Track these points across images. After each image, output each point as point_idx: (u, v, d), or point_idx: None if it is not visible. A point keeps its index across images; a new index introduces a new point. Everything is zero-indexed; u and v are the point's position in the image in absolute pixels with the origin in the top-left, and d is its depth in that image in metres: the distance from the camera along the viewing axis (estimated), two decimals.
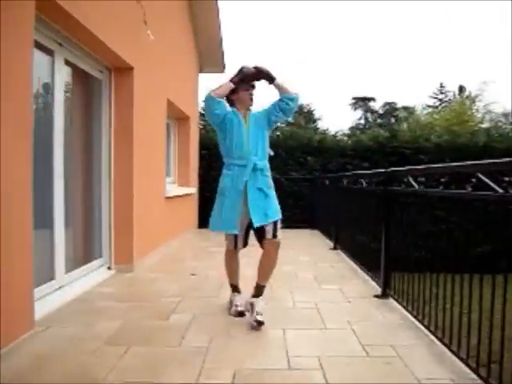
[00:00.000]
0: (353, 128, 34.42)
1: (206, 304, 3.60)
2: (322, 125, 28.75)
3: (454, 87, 37.41)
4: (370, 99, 39.32)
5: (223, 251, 3.52)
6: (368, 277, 4.53)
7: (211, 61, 9.59)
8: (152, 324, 3.09)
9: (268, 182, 3.29)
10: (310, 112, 35.68)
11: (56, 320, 3.13)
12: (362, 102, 39.64)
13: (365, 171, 5.27)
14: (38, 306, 3.21)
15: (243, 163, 3.21)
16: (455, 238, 2.58)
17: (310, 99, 34.48)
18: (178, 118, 8.24)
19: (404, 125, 19.27)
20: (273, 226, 3.22)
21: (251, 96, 3.34)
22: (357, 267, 5.07)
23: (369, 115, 39.40)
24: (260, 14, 74.03)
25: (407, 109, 30.97)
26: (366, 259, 4.71)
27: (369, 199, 4.62)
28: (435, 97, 36.30)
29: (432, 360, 2.53)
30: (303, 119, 27.95)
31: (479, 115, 17.55)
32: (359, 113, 39.77)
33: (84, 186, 4.47)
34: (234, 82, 3.22)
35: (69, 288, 3.81)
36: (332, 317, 3.27)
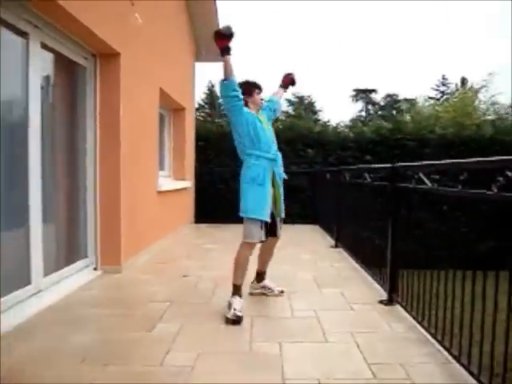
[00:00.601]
0: (354, 120, 34.07)
1: (196, 311, 3.30)
2: (323, 117, 28.40)
3: (457, 79, 36.91)
4: (372, 91, 38.90)
5: (218, 248, 3.40)
6: (372, 279, 4.22)
7: (208, 49, 9.20)
8: (134, 336, 2.79)
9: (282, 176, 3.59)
10: (311, 103, 35.32)
11: (25, 332, 2.82)
12: (363, 94, 39.23)
13: (369, 165, 4.93)
14: (8, 316, 2.93)
15: (272, 157, 3.41)
16: (464, 235, 2.30)
17: (311, 91, 34.12)
18: (173, 109, 7.90)
19: (407, 116, 18.91)
20: (281, 223, 3.61)
21: (258, 98, 3.59)
22: (359, 267, 4.76)
23: (370, 107, 38.97)
24: (260, 3, 73.16)
25: (409, 101, 30.58)
26: (370, 259, 4.40)
27: (374, 196, 4.30)
28: (437, 89, 35.92)
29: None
30: (303, 110, 27.58)
31: (484, 107, 17.16)
32: (360, 105, 39.36)
33: (66, 181, 4.14)
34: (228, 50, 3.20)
35: (47, 293, 3.50)
36: (333, 328, 2.95)
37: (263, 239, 3.36)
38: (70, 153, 4.19)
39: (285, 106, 33.75)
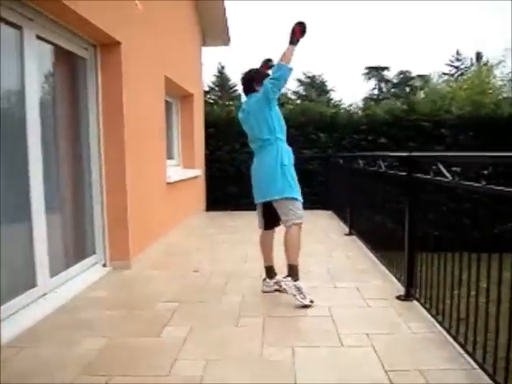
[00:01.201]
0: (366, 99, 33.43)
1: (205, 312, 3.19)
2: (335, 96, 27.91)
3: (472, 54, 35.89)
4: (384, 68, 38.02)
5: (230, 239, 3.90)
6: (387, 270, 4.07)
7: (215, 33, 8.96)
8: (141, 342, 2.68)
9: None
10: (323, 83, 34.75)
11: (33, 338, 2.74)
12: (376, 72, 38.37)
13: (383, 153, 4.73)
14: (14, 321, 2.87)
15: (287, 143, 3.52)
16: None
17: (322, 70, 33.51)
18: (181, 96, 7.72)
19: (421, 94, 18.41)
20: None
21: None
22: (374, 258, 4.61)
23: (383, 85, 38.18)
24: None
25: (423, 77, 29.85)
26: (385, 249, 4.25)
27: (389, 183, 4.12)
28: (451, 64, 35.01)
29: None
30: (315, 92, 27.14)
31: (500, 83, 16.59)
32: (373, 83, 38.56)
33: (70, 175, 4.03)
34: (298, 39, 3.35)
35: (54, 295, 3.42)
36: (349, 329, 2.82)
37: (303, 218, 3.43)
38: (73, 146, 4.07)
39: (295, 86, 33.28)
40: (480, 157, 2.24)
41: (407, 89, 32.50)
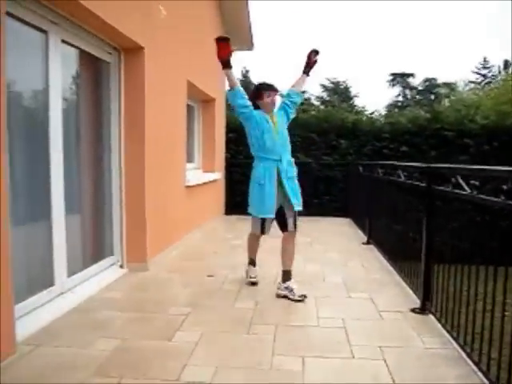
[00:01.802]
0: (390, 105, 33.10)
1: (218, 318, 3.19)
2: (359, 103, 27.73)
3: (499, 62, 35.18)
4: (409, 75, 37.54)
5: (246, 245, 4.07)
6: (403, 282, 4.02)
7: (239, 38, 8.98)
8: (152, 345, 2.71)
9: (294, 173, 3.76)
10: (346, 89, 34.56)
11: (49, 336, 2.79)
12: (401, 78, 37.91)
13: (403, 163, 4.66)
14: (31, 319, 2.92)
15: (277, 158, 3.66)
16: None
17: (346, 76, 33.35)
18: (202, 100, 7.78)
19: (445, 102, 18.14)
20: (293, 218, 3.70)
21: (274, 101, 3.77)
22: (391, 268, 4.55)
23: (407, 92, 37.72)
24: None
25: (448, 85, 29.42)
26: (403, 260, 4.19)
27: (408, 195, 4.07)
28: (478, 72, 34.38)
29: None
30: (338, 98, 27.01)
31: None
32: (397, 89, 38.13)
33: (90, 177, 4.09)
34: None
35: (70, 295, 3.47)
36: (361, 340, 2.79)
37: (257, 233, 3.85)
38: (95, 148, 4.14)
39: (319, 91, 33.17)
40: (499, 171, 2.20)
41: (432, 96, 32.06)
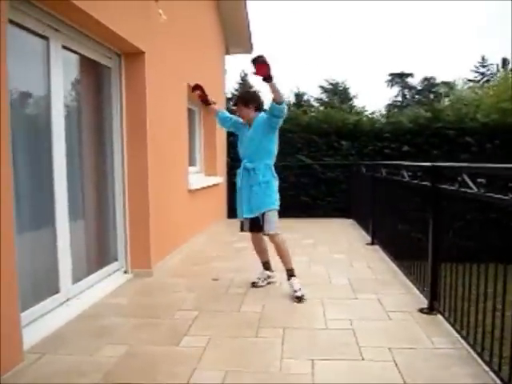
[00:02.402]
0: (389, 105, 33.08)
1: (225, 321, 3.17)
2: (358, 103, 27.69)
3: (497, 60, 35.17)
4: (408, 75, 37.59)
5: (250, 247, 4.18)
6: (410, 282, 3.99)
7: (237, 41, 9.01)
8: (160, 351, 2.69)
9: (258, 179, 3.79)
10: (345, 90, 34.56)
11: (55, 344, 2.78)
12: (399, 78, 37.97)
13: (407, 162, 4.65)
14: (37, 326, 2.91)
15: (244, 164, 3.89)
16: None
17: (345, 76, 33.34)
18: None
19: (445, 101, 18.10)
20: (264, 220, 3.77)
21: (241, 112, 3.90)
22: (397, 268, 4.53)
23: (406, 92, 37.74)
24: None
25: (447, 84, 29.40)
26: (408, 260, 4.16)
27: (412, 194, 4.06)
28: (477, 71, 34.38)
29: None
30: (337, 99, 26.99)
31: None
32: (396, 89, 38.15)
33: (93, 182, 4.09)
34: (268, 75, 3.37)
35: (76, 301, 3.46)
36: (370, 341, 2.77)
37: (240, 231, 4.21)
38: (97, 154, 4.13)
39: (318, 93, 33.16)
40: (506, 169, 2.18)
41: (431, 95, 32.05)
